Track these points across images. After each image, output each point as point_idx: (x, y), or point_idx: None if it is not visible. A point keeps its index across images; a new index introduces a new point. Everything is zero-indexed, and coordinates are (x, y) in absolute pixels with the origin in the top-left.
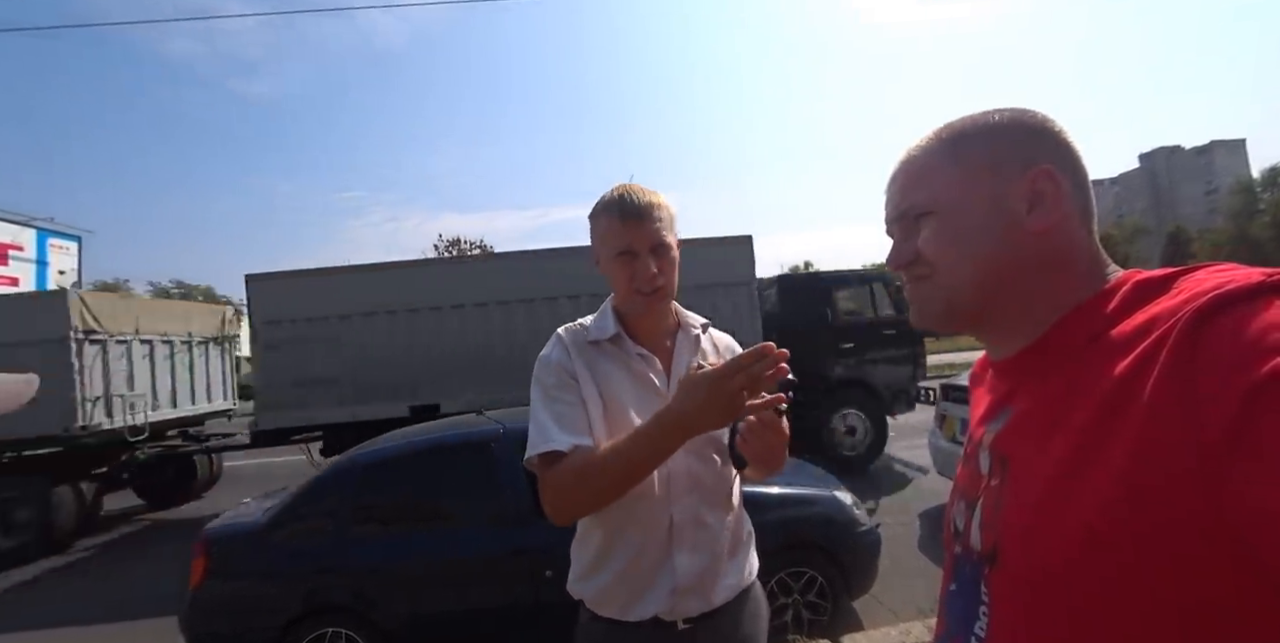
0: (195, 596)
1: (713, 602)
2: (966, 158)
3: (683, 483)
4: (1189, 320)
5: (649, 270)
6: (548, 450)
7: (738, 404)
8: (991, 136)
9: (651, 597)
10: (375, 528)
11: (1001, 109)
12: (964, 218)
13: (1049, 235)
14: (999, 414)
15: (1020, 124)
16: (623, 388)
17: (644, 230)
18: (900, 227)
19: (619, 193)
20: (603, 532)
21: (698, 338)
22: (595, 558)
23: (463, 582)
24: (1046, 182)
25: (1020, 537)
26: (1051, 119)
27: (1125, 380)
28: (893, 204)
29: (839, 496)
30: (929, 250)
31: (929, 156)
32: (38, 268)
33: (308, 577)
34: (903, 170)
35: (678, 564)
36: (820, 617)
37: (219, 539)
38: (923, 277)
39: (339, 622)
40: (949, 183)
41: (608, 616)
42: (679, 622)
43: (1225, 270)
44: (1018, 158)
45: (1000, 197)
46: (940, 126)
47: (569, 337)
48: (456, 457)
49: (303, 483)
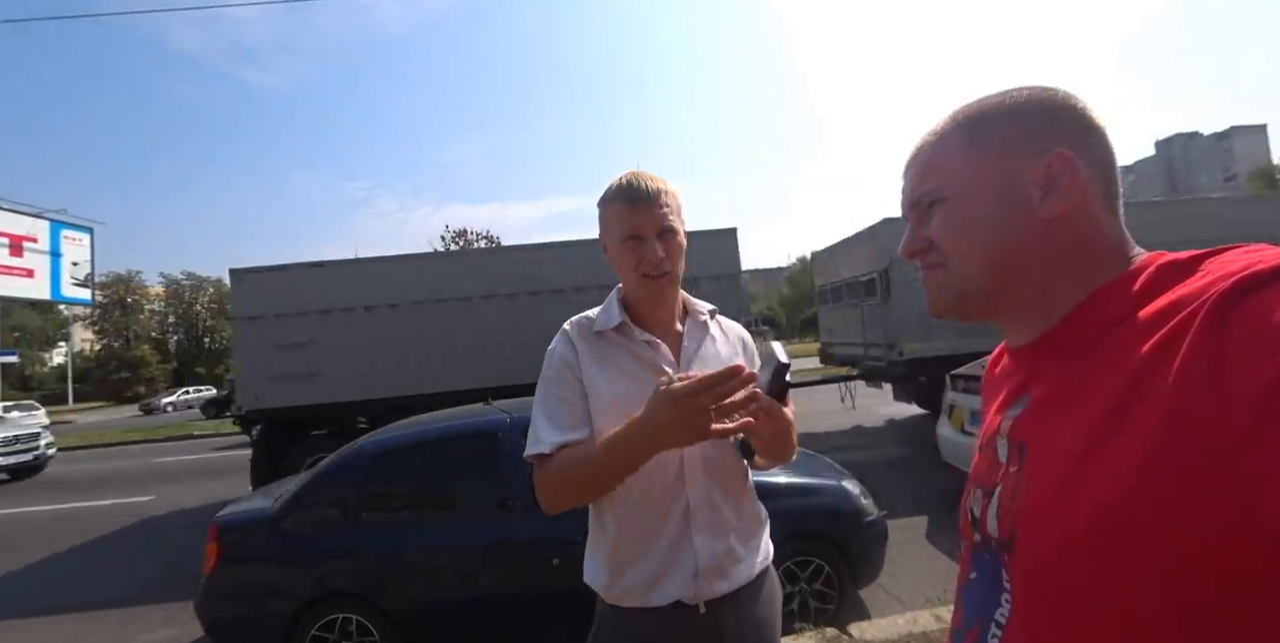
0: (209, 582)
1: (735, 583)
2: (981, 142)
3: (698, 467)
4: (1218, 300)
5: (655, 253)
6: (533, 454)
7: (702, 423)
8: (1007, 120)
9: (673, 581)
10: (383, 516)
11: (1020, 88)
12: (975, 205)
13: (1065, 221)
14: (1016, 401)
15: (1039, 105)
16: (631, 376)
17: (651, 215)
18: (914, 214)
19: (626, 179)
20: (619, 518)
21: (706, 324)
22: (613, 545)
23: (470, 570)
24: (1062, 166)
25: (1039, 522)
26: (1074, 97)
27: (1150, 362)
28: (907, 191)
29: (846, 485)
30: (940, 238)
31: (943, 142)
32: (52, 259)
33: (317, 564)
34: (917, 156)
35: (699, 547)
36: (827, 606)
37: (231, 526)
38: (936, 264)
39: (349, 608)
40: (961, 169)
41: (630, 605)
42: (700, 606)
43: (1253, 251)
44: (1033, 142)
45: (1013, 182)
46: (956, 109)
47: (574, 329)
48: (464, 446)
49: (312, 471)
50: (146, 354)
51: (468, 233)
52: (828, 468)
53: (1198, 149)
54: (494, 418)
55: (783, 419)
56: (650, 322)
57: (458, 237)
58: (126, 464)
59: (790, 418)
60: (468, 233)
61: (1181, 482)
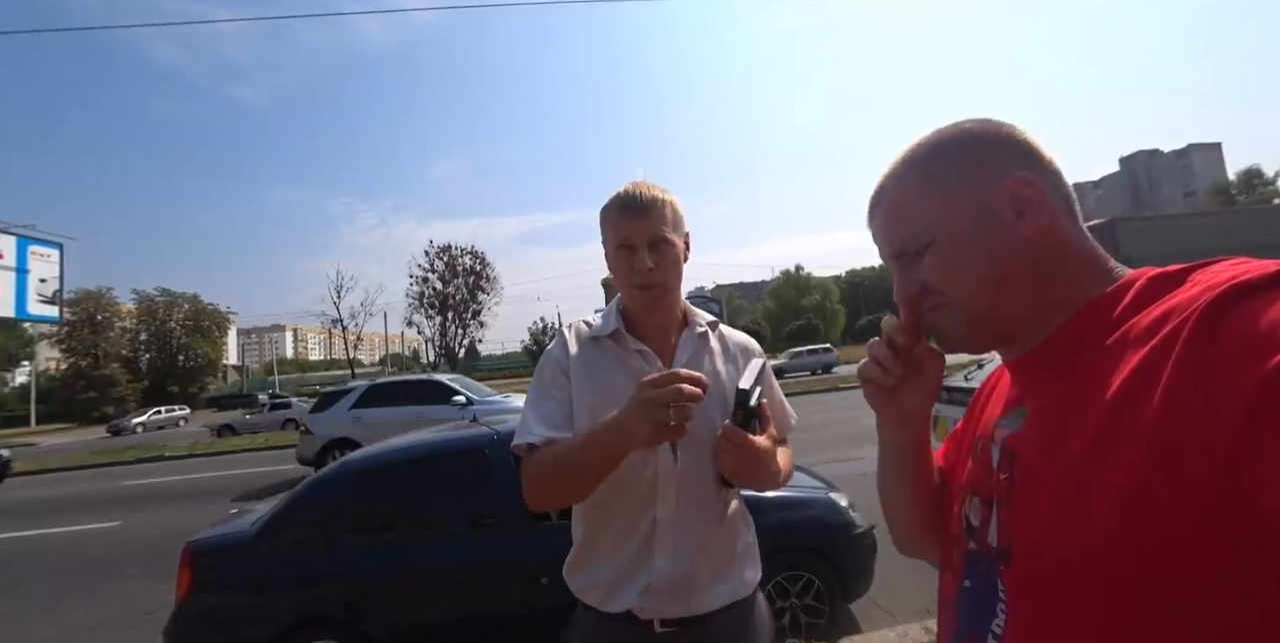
0: (180, 610)
1: (692, 608)
2: (942, 181)
3: (671, 486)
4: (1206, 308)
5: (644, 263)
6: (521, 443)
7: (662, 418)
8: (960, 155)
9: (627, 591)
10: (367, 537)
11: (963, 122)
12: (960, 240)
13: (1043, 237)
14: (1012, 412)
15: (986, 137)
16: (616, 385)
17: (643, 225)
18: (899, 262)
19: (625, 189)
20: (590, 521)
21: (704, 335)
22: (582, 545)
23: (457, 590)
24: (1025, 187)
25: (1038, 535)
26: (1016, 126)
27: (1142, 371)
28: (886, 242)
29: (834, 497)
30: (938, 279)
31: (905, 189)
32: (18, 276)
33: (298, 588)
34: (883, 205)
35: (655, 565)
36: (818, 620)
37: (205, 551)
38: (938, 305)
39: (331, 634)
40: (934, 211)
41: (590, 604)
42: (656, 623)
43: (1240, 263)
44: (992, 171)
45: (986, 210)
46: (905, 152)
47: (572, 333)
48: (449, 463)
49: (293, 491)
50: (116, 373)
51: (452, 248)
52: (814, 480)
53: (1159, 166)
54: (479, 434)
55: (748, 448)
56: (646, 331)
57: (442, 252)
58: (92, 488)
59: (759, 447)
60: (452, 248)
61: (1179, 487)
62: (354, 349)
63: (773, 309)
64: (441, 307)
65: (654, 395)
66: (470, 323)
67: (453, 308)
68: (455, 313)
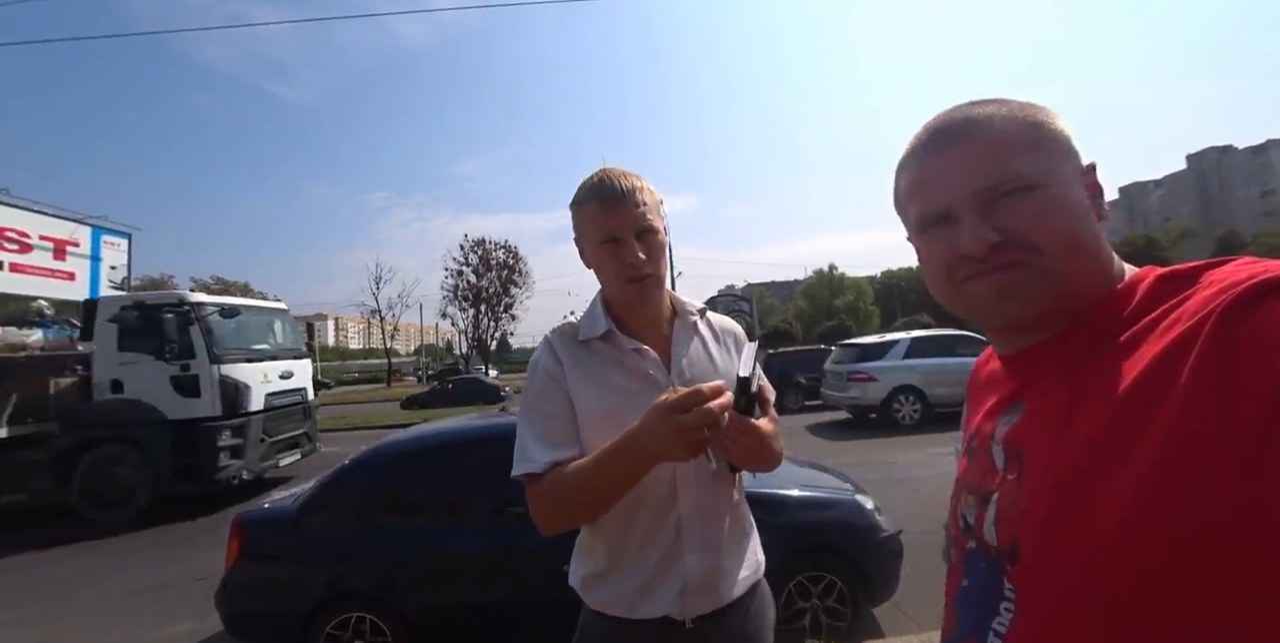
0: (229, 576)
1: (723, 598)
2: (1045, 137)
3: (690, 480)
4: (1225, 310)
5: (636, 255)
6: (522, 473)
7: (697, 439)
8: (1056, 121)
9: (662, 596)
10: (398, 518)
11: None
12: (1072, 189)
13: (1101, 231)
14: (1011, 408)
15: (1060, 121)
16: (620, 387)
17: (628, 215)
18: (976, 203)
19: (598, 178)
20: (610, 537)
21: (695, 324)
22: (604, 556)
23: (481, 574)
24: (1099, 181)
25: (1050, 534)
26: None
27: (1156, 372)
28: (979, 172)
29: (860, 500)
30: (1038, 226)
31: (1010, 129)
32: (92, 264)
33: (333, 563)
34: (976, 136)
35: (688, 563)
36: (839, 623)
37: (252, 523)
38: (1016, 263)
39: (364, 607)
40: (1040, 159)
41: (614, 615)
42: (687, 621)
43: (1254, 263)
44: (1076, 149)
45: (1078, 181)
46: (991, 99)
47: (557, 338)
48: (478, 451)
49: (333, 470)
50: None
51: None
52: (841, 481)
53: (1232, 163)
54: (509, 422)
55: (753, 434)
56: (637, 326)
57: (476, 245)
58: None
59: (763, 429)
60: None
61: (1194, 486)
62: (390, 339)
63: (805, 309)
64: (475, 299)
65: (686, 422)
66: (502, 316)
67: (486, 301)
68: (488, 305)
